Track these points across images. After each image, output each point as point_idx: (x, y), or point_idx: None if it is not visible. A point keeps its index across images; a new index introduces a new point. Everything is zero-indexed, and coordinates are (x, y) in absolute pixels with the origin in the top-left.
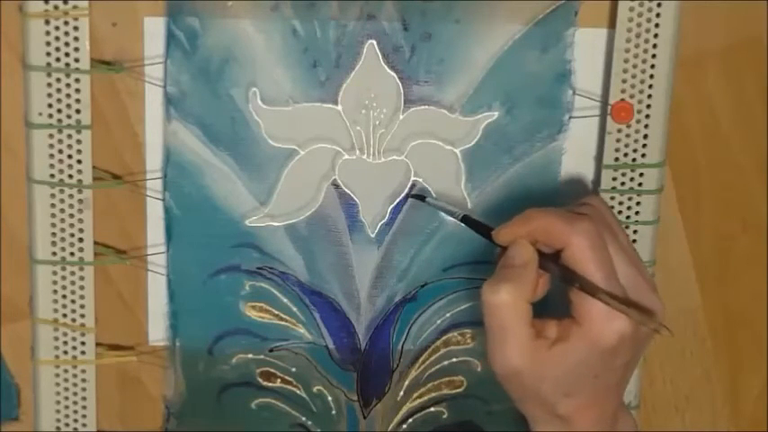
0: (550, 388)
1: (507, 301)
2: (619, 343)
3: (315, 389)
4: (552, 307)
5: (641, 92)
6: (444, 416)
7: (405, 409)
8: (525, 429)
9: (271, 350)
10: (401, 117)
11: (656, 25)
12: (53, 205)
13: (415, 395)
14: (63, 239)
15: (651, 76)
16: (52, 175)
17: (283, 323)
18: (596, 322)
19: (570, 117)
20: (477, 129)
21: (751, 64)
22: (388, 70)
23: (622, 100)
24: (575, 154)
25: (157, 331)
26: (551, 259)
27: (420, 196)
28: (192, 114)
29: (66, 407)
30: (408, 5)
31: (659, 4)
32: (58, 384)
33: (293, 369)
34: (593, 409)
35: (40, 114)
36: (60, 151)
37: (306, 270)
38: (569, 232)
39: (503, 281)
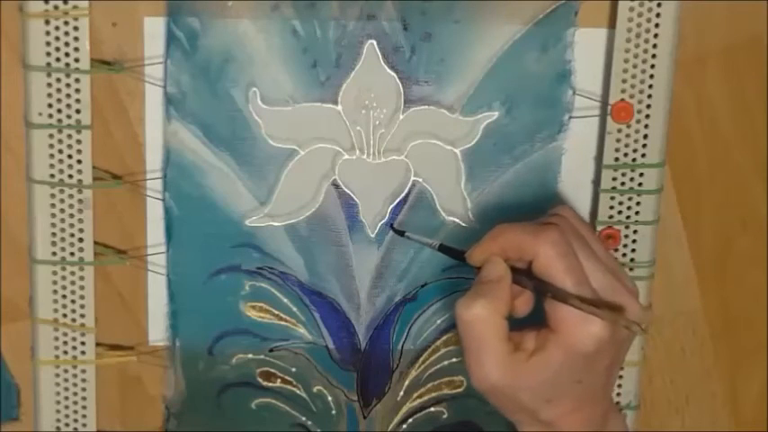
0: (531, 397)
1: (481, 315)
2: (597, 347)
3: (315, 389)
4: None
5: (641, 92)
6: (444, 416)
7: (405, 409)
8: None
9: (271, 350)
10: (401, 117)
11: (656, 25)
12: (53, 205)
13: (415, 395)
14: (63, 239)
15: (651, 76)
16: (52, 175)
17: (283, 323)
18: (572, 328)
19: (570, 117)
20: (477, 129)
21: (751, 64)
22: (388, 70)
23: (622, 100)
24: (575, 154)
25: (157, 331)
26: (524, 273)
27: (400, 231)
28: (192, 114)
29: (67, 407)
30: (408, 5)
31: (659, 4)
32: (58, 384)
33: (293, 369)
34: (578, 413)
35: (40, 114)
36: (60, 151)
37: (306, 270)
38: (536, 243)
39: (476, 296)
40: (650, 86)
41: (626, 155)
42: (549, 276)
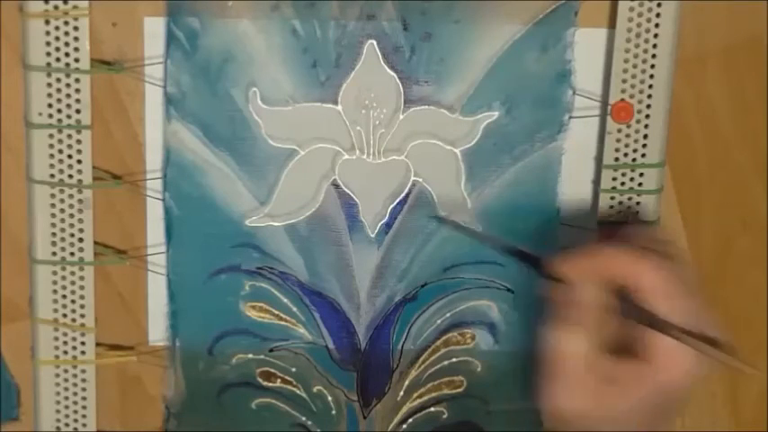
0: (614, 427)
1: (580, 351)
2: (686, 380)
3: (315, 389)
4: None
5: (641, 92)
6: (444, 416)
7: (405, 409)
8: (525, 429)
9: (271, 350)
10: (401, 117)
11: (656, 25)
12: (53, 205)
13: (415, 395)
14: (63, 239)
15: (651, 76)
16: (52, 175)
17: (283, 323)
18: (669, 363)
19: (570, 117)
20: (477, 129)
21: (751, 64)
22: (388, 70)
23: (622, 100)
24: (575, 154)
25: (157, 331)
26: (618, 296)
27: (456, 224)
28: (192, 114)
29: (67, 407)
30: (408, 5)
31: (659, 4)
32: (58, 384)
33: (293, 369)
34: None
35: (40, 114)
36: (60, 151)
37: (306, 270)
38: (642, 270)
39: (575, 328)
40: (650, 86)
41: (626, 155)
42: (651, 304)
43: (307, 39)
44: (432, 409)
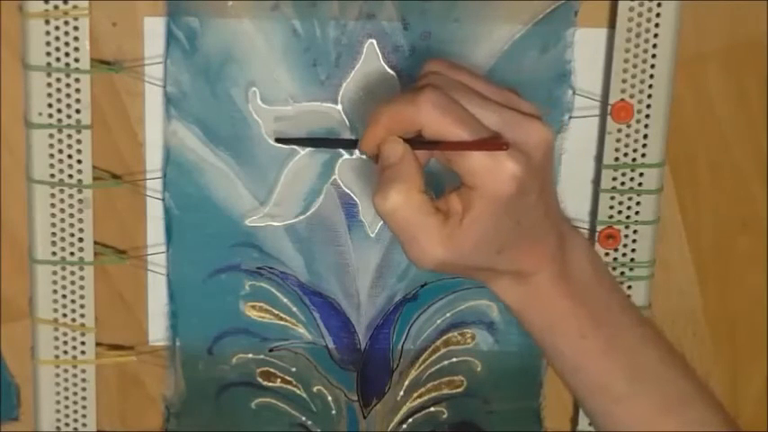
0: (481, 256)
1: (400, 201)
2: (518, 184)
3: (315, 389)
4: None
5: (641, 92)
6: (444, 416)
7: (405, 409)
8: (525, 429)
9: (271, 350)
10: None
11: (656, 25)
12: (53, 205)
13: (415, 395)
14: (63, 239)
15: (651, 76)
16: (52, 175)
17: (283, 323)
18: (486, 178)
19: (570, 117)
20: None
21: (751, 64)
22: (388, 69)
23: (622, 100)
24: (575, 154)
25: (157, 331)
26: (420, 141)
27: (283, 140)
28: (192, 114)
29: (67, 407)
30: (408, 5)
31: (659, 4)
32: (58, 384)
33: (293, 369)
34: (532, 248)
35: (40, 114)
36: (60, 151)
37: (306, 270)
38: (417, 110)
39: (388, 183)
40: (650, 86)
41: (626, 155)
42: (440, 135)
43: (307, 38)
44: (432, 408)
